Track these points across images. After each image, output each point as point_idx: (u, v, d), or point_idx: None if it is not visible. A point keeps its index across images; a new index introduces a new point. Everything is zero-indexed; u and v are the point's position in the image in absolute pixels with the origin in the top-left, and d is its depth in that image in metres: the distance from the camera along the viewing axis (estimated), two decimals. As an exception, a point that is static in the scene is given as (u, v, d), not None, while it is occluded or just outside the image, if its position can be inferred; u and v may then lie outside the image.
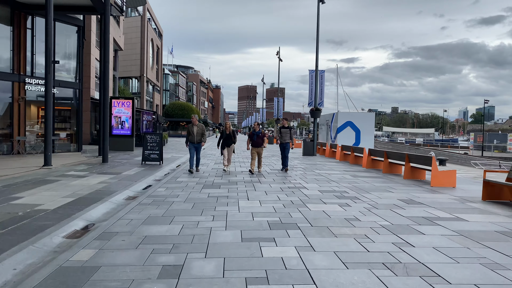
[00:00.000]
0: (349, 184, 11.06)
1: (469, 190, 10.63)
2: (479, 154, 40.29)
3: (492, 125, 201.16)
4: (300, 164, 17.60)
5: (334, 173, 14.12)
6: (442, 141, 63.94)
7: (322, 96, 24.76)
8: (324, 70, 24.82)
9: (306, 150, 23.83)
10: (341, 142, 28.81)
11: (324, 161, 20.04)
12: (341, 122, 29.25)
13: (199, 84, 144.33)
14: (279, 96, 43.99)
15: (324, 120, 33.75)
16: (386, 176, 13.42)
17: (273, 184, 10.78)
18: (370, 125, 29.42)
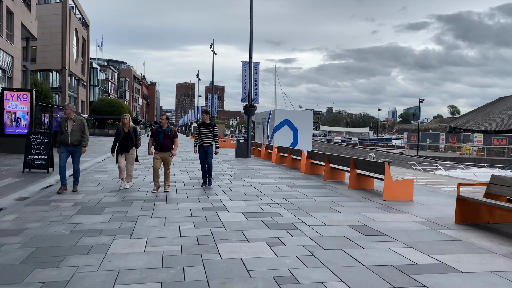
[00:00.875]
0: (285, 200, 8.53)
1: (430, 205, 8.53)
2: (414, 153, 40.23)
3: (418, 125, 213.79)
4: (229, 170, 14.91)
5: (267, 181, 11.59)
6: (377, 140, 64.79)
7: (257, 92, 22.34)
8: (259, 62, 22.41)
9: (240, 151, 21.24)
10: (278, 142, 26.61)
11: (259, 164, 17.54)
12: (278, 121, 27.04)
13: (132, 80, 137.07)
14: (213, 92, 41.06)
15: (261, 119, 31.42)
16: (329, 185, 11.13)
17: (182, 204, 7.94)
18: (308, 124, 27.52)
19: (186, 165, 16.66)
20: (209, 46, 40.44)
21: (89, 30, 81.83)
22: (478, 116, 56.37)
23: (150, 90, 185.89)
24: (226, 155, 23.44)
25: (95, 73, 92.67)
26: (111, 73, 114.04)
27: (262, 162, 18.95)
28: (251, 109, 21.14)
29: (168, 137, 9.43)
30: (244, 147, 21.20)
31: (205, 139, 10.18)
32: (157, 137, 9.43)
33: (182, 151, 25.88)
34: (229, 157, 21.47)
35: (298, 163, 16.16)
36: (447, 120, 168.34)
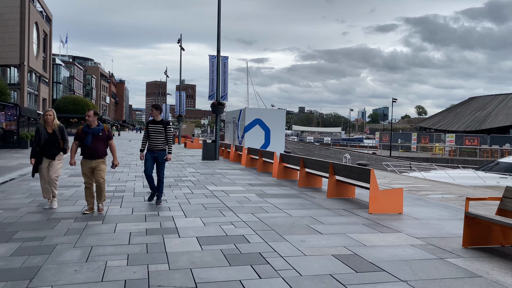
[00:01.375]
0: (253, 216, 7.01)
1: (424, 219, 7.22)
2: (387, 154, 39.63)
3: (387, 125, 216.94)
4: (192, 175, 13.28)
5: (234, 190, 10.04)
6: (349, 140, 64.33)
7: (226, 88, 20.75)
8: (227, 56, 20.83)
9: (206, 153, 19.60)
10: (249, 142, 25.14)
11: (227, 167, 15.97)
12: (249, 120, 25.57)
13: (99, 78, 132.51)
14: (180, 89, 39.04)
15: (231, 118, 29.86)
16: (304, 193, 9.70)
17: (122, 225, 6.28)
18: (281, 123, 26.18)
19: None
20: (177, 41, 38.52)
21: (51, 25, 77.88)
22: (449, 117, 56.75)
23: (118, 88, 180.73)
24: (192, 156, 21.75)
25: (58, 70, 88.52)
26: (77, 70, 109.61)
27: (230, 165, 17.39)
28: (219, 107, 19.54)
29: (100, 139, 7.01)
30: (211, 149, 19.59)
31: (154, 141, 7.87)
32: (83, 140, 6.97)
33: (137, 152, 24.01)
34: (195, 159, 19.80)
35: (270, 166, 14.71)
36: (415, 121, 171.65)
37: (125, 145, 32.81)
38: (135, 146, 31.53)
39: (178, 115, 38.89)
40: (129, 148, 29.24)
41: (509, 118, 47.88)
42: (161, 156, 7.92)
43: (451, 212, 7.96)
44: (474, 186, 16.33)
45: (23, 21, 57.87)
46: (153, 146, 7.93)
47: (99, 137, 7.04)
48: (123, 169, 14.42)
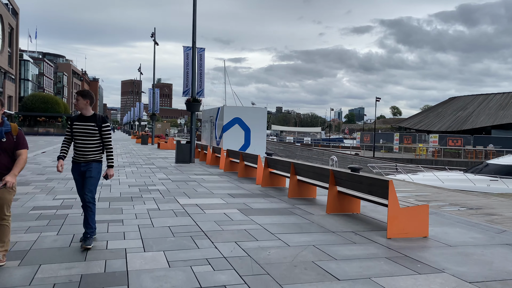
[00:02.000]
0: (238, 248, 5.16)
1: (460, 247, 5.53)
2: (369, 154, 38.42)
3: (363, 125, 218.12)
4: (162, 182, 11.30)
5: (212, 204, 8.15)
6: (330, 140, 63.12)
7: (203, 83, 18.80)
8: (204, 48, 18.90)
9: (180, 155, 17.60)
10: (227, 143, 23.26)
11: (203, 172, 14.05)
12: (228, 119, 23.69)
13: (71, 75, 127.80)
14: (154, 86, 36.74)
15: (208, 117, 27.91)
16: (298, 207, 7.91)
17: (46, 269, 4.32)
18: (262, 122, 24.40)
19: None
20: (151, 35, 36.26)
21: (18, 18, 73.84)
22: (430, 117, 56.25)
23: (92, 87, 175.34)
24: (164, 159, 19.69)
25: (26, 66, 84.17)
26: (47, 67, 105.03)
27: (207, 169, 15.46)
28: (194, 105, 17.57)
29: (2, 148, 4.27)
30: (186, 150, 17.60)
31: (82, 149, 5.08)
32: None
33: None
34: (167, 162, 17.76)
35: (253, 171, 12.88)
36: (390, 121, 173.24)
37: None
38: (104, 147, 29.20)
39: (151, 114, 36.61)
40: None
41: (491, 119, 47.61)
42: (94, 170, 5.13)
43: (484, 234, 6.32)
44: (484, 193, 14.93)
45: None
46: (80, 155, 5.10)
47: (1, 144, 4.25)
48: (81, 175, 12.33)
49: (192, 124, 18.21)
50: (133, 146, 31.92)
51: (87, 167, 5.14)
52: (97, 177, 5.19)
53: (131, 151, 25.85)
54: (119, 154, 22.09)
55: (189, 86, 18.19)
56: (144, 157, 20.86)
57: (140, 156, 21.52)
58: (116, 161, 17.84)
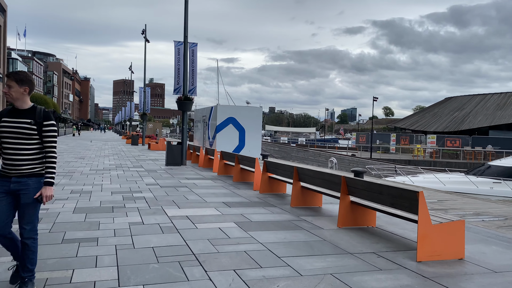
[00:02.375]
0: (238, 279, 4.11)
1: (507, 273, 4.53)
2: (366, 155, 37.53)
3: (355, 125, 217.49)
4: (150, 188, 10.21)
5: (205, 216, 7.09)
6: (325, 141, 62.17)
7: (195, 81, 17.71)
8: (197, 43, 17.81)
9: (171, 157, 16.50)
10: (221, 144, 22.19)
11: (195, 176, 12.97)
12: (221, 118, 22.58)
13: (61, 75, 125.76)
14: (145, 85, 35.51)
15: (201, 116, 26.77)
16: (304, 220, 6.88)
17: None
18: (257, 122, 23.32)
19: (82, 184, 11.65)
20: (141, 32, 35.05)
21: (6, 15, 72.03)
22: (426, 117, 55.52)
23: (83, 86, 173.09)
24: (154, 161, 18.56)
25: (14, 65, 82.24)
26: (36, 66, 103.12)
27: (200, 172, 14.38)
28: (186, 103, 16.47)
29: None
30: (177, 152, 16.50)
31: (13, 156, 3.53)
32: None
33: (92, 156, 20.58)
34: (157, 165, 16.65)
35: (250, 175, 11.84)
36: (383, 121, 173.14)
37: (81, 147, 29.12)
38: (91, 148, 27.93)
39: (142, 113, 35.38)
40: (84, 150, 25.64)
41: (488, 119, 46.96)
42: (29, 192, 3.54)
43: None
44: (504, 200, 14.01)
45: (-29, 9, 52.43)
46: (10, 167, 3.54)
47: None
48: (61, 180, 11.17)
49: (184, 124, 17.11)
50: (122, 147, 30.72)
51: (21, 185, 3.52)
52: (35, 204, 3.59)
53: (120, 152, 24.68)
54: (106, 156, 20.92)
55: (181, 83, 17.10)
56: (133, 158, 19.72)
57: (129, 157, 20.37)
58: (102, 163, 16.70)
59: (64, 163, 16.13)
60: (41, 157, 3.65)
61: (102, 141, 41.07)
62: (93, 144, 33.68)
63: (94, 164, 16.29)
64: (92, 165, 15.62)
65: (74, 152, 23.44)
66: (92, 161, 17.68)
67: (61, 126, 63.57)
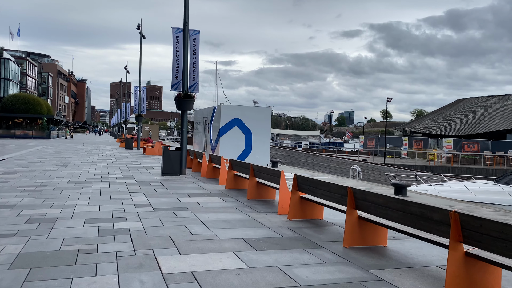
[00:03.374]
0: None
1: None
2: (378, 161, 34.93)
3: (353, 128, 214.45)
4: (139, 211, 7.56)
5: (219, 269, 4.45)
6: (330, 145, 59.42)
7: (196, 75, 15.10)
8: (199, 31, 15.22)
9: (168, 165, 13.86)
10: (225, 149, 19.59)
11: (198, 192, 10.34)
12: (225, 120, 19.98)
13: (57, 76, 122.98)
14: (141, 84, 32.84)
15: (201, 118, 24.13)
16: (382, 279, 4.28)
17: None
18: (265, 125, 20.73)
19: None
20: (137, 28, 32.46)
21: (-3, 13, 69.39)
22: (437, 119, 52.88)
23: (79, 88, 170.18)
24: (149, 169, 15.89)
25: (7, 65, 79.54)
26: (30, 67, 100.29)
27: (203, 184, 11.74)
28: (186, 102, 13.84)
29: None
30: (175, 159, 13.86)
31: None
32: None
33: (78, 163, 17.86)
34: (152, 174, 14.00)
35: (269, 191, 9.24)
36: (381, 124, 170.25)
37: (70, 151, 26.39)
38: (80, 153, 25.21)
39: (137, 115, 32.71)
40: (72, 155, 22.92)
41: (506, 122, 44.40)
42: None
43: None
44: None
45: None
46: None
47: None
48: (23, 199, 8.51)
49: (183, 126, 14.48)
50: (115, 151, 28.03)
51: None
52: None
53: (111, 157, 22.00)
54: (94, 163, 18.24)
55: (180, 78, 14.49)
56: (124, 166, 17.05)
57: (120, 164, 17.70)
58: (86, 172, 14.04)
59: (41, 173, 13.46)
60: None
61: (95, 145, 38.38)
62: (84, 148, 30.99)
63: (77, 173, 13.63)
64: (73, 176, 12.96)
65: (59, 157, 20.75)
66: (75, 169, 15.01)
67: (53, 129, 60.74)
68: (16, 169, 14.53)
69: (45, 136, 52.80)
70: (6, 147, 29.34)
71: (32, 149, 27.66)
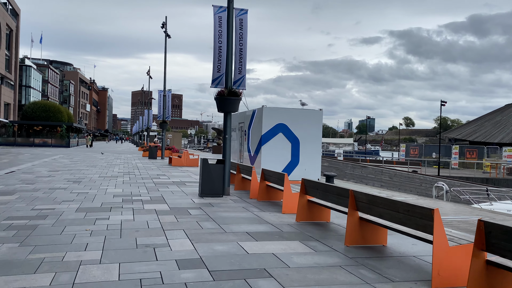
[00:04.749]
0: None
1: None
2: (430, 172, 31.04)
3: (375, 136, 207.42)
4: (188, 273, 4.29)
5: None
6: (365, 153, 55.48)
7: (243, 68, 11.90)
8: (247, 10, 12.09)
9: (209, 183, 10.61)
10: (267, 160, 16.39)
11: (259, 227, 7.05)
12: (268, 126, 16.76)
13: (78, 84, 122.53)
14: (165, 89, 29.92)
15: (236, 123, 20.94)
16: None
17: None
18: (316, 130, 17.43)
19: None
20: (161, 26, 29.69)
21: (19, 20, 68.26)
22: (486, 126, 48.41)
23: (101, 96, 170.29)
24: (181, 186, 12.67)
25: (28, 72, 78.45)
26: (52, 74, 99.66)
27: (260, 212, 8.44)
28: (231, 101, 10.62)
29: None
30: (217, 175, 10.62)
31: None
32: None
33: (93, 176, 14.80)
34: (187, 194, 10.79)
35: (379, 232, 5.90)
36: (403, 132, 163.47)
37: (87, 161, 23.55)
38: (99, 164, 22.31)
39: (162, 121, 29.77)
40: (89, 166, 20.00)
41: None
42: None
43: None
44: None
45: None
46: None
47: None
48: (1, 246, 5.38)
49: (226, 132, 11.24)
50: (138, 162, 25.10)
51: None
52: None
53: (134, 170, 18.99)
54: (113, 177, 15.18)
55: (223, 70, 11.32)
56: (150, 182, 13.93)
57: (145, 180, 14.60)
58: (102, 192, 10.91)
59: (45, 193, 10.42)
60: None
61: (116, 154, 35.67)
62: (103, 158, 28.19)
63: (91, 194, 10.53)
64: (86, 198, 9.86)
65: (74, 170, 17.83)
66: (90, 187, 11.95)
67: (73, 137, 58.70)
68: (16, 187, 11.55)
69: (64, 145, 50.58)
70: (19, 157, 26.78)
71: (46, 159, 24.97)
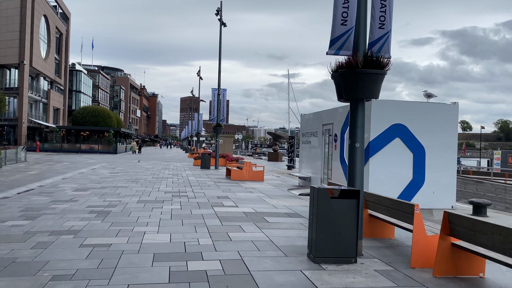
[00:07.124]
0: None
1: None
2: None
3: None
4: None
5: None
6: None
7: (389, 16, 6.89)
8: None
9: (329, 235, 5.50)
10: (378, 179, 11.06)
11: None
12: (379, 128, 11.37)
13: (129, 89, 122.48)
14: (219, 87, 25.33)
15: (317, 125, 15.68)
16: None
17: None
18: (450, 133, 11.80)
19: None
20: (216, 13, 25.20)
21: (69, 24, 67.16)
22: None
23: (151, 102, 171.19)
24: (262, 227, 7.66)
25: (79, 77, 77.63)
26: (103, 80, 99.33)
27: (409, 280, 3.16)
28: (370, 77, 5.55)
29: None
30: (343, 219, 5.47)
31: None
32: None
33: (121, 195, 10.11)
34: (283, 252, 5.75)
35: None
36: (460, 136, 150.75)
37: (129, 173, 19.28)
38: (142, 177, 17.89)
39: (215, 125, 25.14)
40: (128, 181, 15.55)
41: None
42: None
43: None
44: None
45: (24, 11, 46.47)
46: None
47: None
48: None
49: (356, 140, 6.07)
50: (189, 173, 20.54)
51: None
52: None
53: (185, 187, 14.29)
54: (158, 202, 10.44)
55: (351, 23, 5.95)
56: (212, 216, 9.03)
57: (203, 209, 9.73)
58: (140, 237, 6.10)
59: (32, 252, 5.75)
60: None
61: (164, 162, 31.58)
62: (150, 167, 23.99)
63: (118, 248, 5.73)
64: (106, 259, 5.04)
65: (109, 187, 13.40)
66: (120, 225, 7.21)
67: (121, 142, 55.96)
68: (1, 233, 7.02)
69: (111, 151, 47.58)
70: (55, 166, 23.10)
71: (84, 170, 21.03)
